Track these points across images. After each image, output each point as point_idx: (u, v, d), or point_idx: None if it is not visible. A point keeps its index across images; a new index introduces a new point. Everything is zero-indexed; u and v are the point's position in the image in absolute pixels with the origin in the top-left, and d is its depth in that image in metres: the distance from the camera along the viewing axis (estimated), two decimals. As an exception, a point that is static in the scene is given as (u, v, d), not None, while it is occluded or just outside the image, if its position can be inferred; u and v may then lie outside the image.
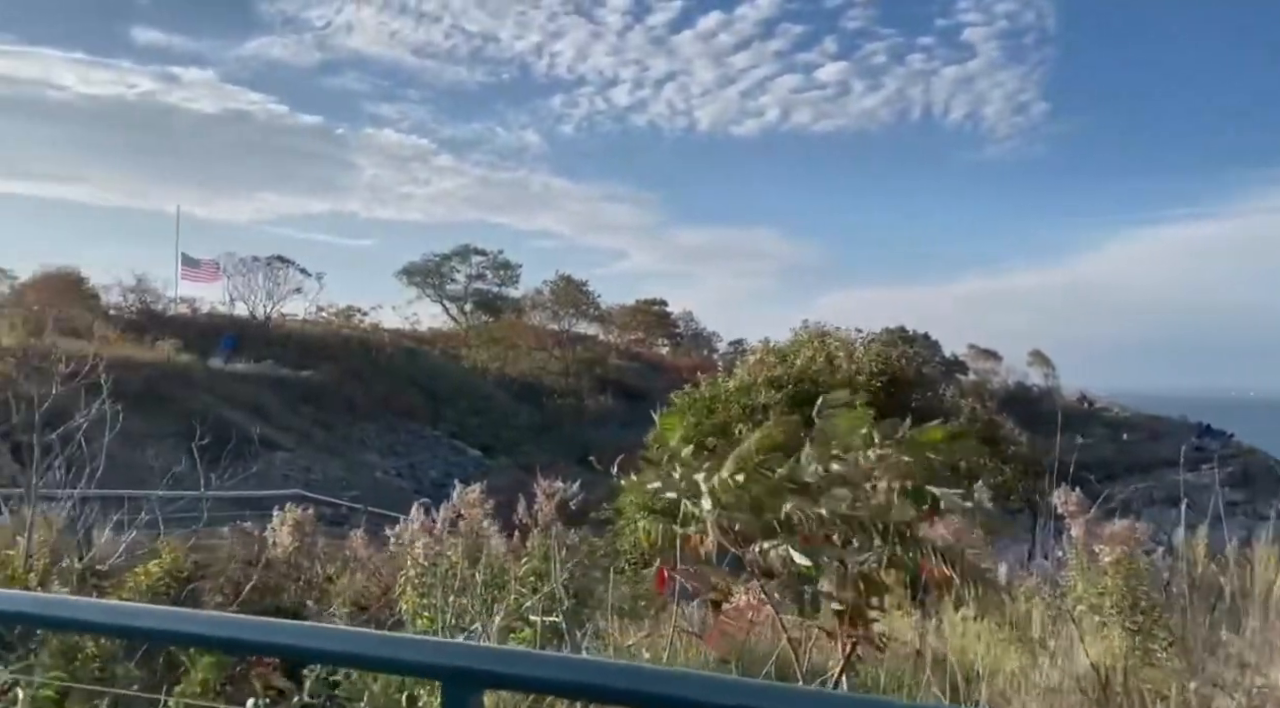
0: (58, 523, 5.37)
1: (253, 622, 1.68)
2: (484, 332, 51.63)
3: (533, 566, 4.32)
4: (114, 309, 38.32)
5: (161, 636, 1.69)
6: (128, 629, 1.70)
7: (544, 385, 47.46)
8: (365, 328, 47.20)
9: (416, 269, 56.54)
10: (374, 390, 38.01)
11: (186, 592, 5.41)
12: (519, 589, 4.40)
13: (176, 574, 5.41)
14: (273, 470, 28.53)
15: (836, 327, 18.97)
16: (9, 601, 1.68)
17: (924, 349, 39.09)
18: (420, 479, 33.98)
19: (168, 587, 5.29)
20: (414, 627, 4.31)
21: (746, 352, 29.74)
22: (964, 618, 4.31)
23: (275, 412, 32.19)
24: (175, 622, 1.63)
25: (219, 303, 42.89)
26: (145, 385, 28.87)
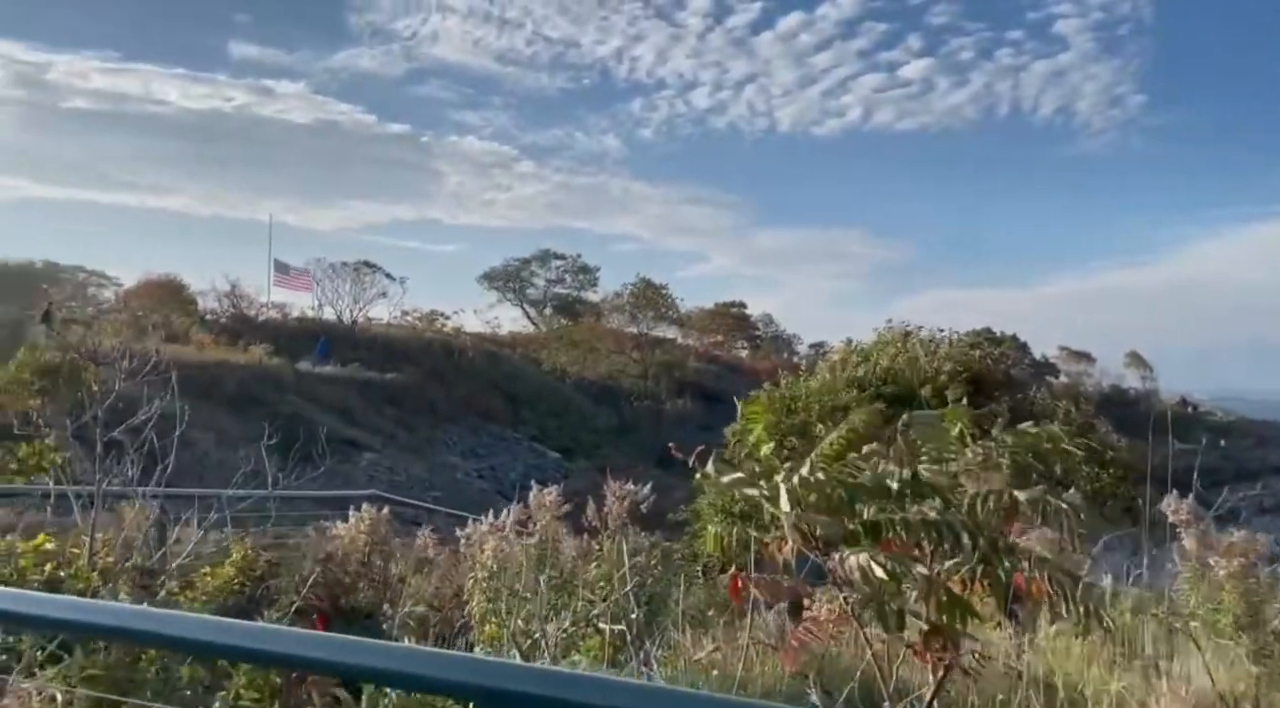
0: (133, 521, 5.46)
1: (279, 633, 1.56)
2: (563, 335, 52.01)
3: (603, 570, 4.16)
4: (210, 314, 39.87)
5: (189, 645, 1.57)
6: (156, 637, 1.60)
7: (622, 388, 47.53)
8: (448, 332, 48.05)
9: (497, 274, 57.41)
10: (456, 393, 38.64)
11: (260, 590, 5.44)
12: (587, 595, 4.25)
13: (250, 573, 5.44)
14: (358, 471, 29.21)
15: (920, 327, 18.38)
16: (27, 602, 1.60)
17: (1012, 351, 37.70)
18: (501, 481, 34.34)
19: (241, 585, 5.33)
20: (481, 631, 4.21)
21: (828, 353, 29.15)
22: (1061, 633, 3.97)
23: (361, 413, 32.98)
24: (205, 631, 1.52)
25: (308, 308, 44.28)
26: (238, 388, 29.97)
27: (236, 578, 5.39)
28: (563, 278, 57.78)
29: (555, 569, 4.34)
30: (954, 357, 14.74)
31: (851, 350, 15.93)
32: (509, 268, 57.52)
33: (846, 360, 15.25)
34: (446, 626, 5.76)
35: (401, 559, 6.81)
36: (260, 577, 5.61)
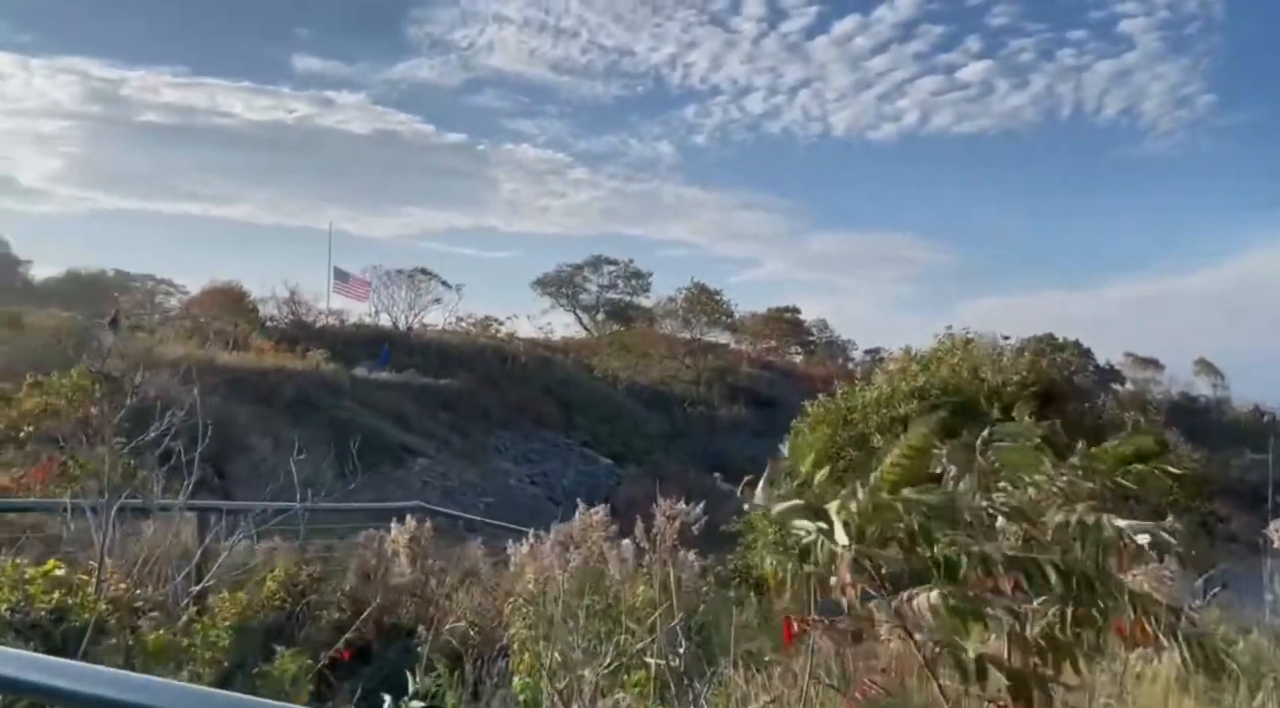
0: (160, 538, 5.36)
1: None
2: (615, 340, 51.95)
3: (649, 596, 3.91)
4: (269, 321, 40.65)
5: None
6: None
7: (675, 394, 47.26)
8: (501, 337, 48.34)
9: (550, 280, 57.67)
10: (509, 398, 38.76)
11: (300, 606, 5.31)
12: (631, 624, 4.00)
13: (291, 588, 5.31)
14: (411, 477, 29.41)
15: (980, 334, 17.75)
16: None
17: (1075, 357, 36.54)
18: (553, 487, 34.35)
19: (283, 602, 5.20)
20: (520, 659, 3.99)
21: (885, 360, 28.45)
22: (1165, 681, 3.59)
23: (415, 419, 33.22)
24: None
25: (365, 314, 44.90)
26: (296, 394, 30.40)
27: (278, 593, 5.26)
28: (615, 283, 57.80)
29: (599, 595, 4.10)
30: (1021, 367, 14.14)
31: (911, 359, 15.41)
32: (562, 274, 57.75)
33: (906, 369, 14.73)
34: (488, 645, 5.54)
35: (445, 572, 6.64)
36: (302, 592, 5.48)
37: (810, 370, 57.56)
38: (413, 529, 6.68)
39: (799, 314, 63.35)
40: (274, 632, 5.20)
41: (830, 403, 16.10)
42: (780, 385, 52.23)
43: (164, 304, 48.62)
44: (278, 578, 5.39)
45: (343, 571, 6.17)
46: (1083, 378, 21.68)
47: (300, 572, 5.63)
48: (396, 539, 6.73)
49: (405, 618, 6.07)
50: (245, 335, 35.36)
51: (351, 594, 5.85)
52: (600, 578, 4.40)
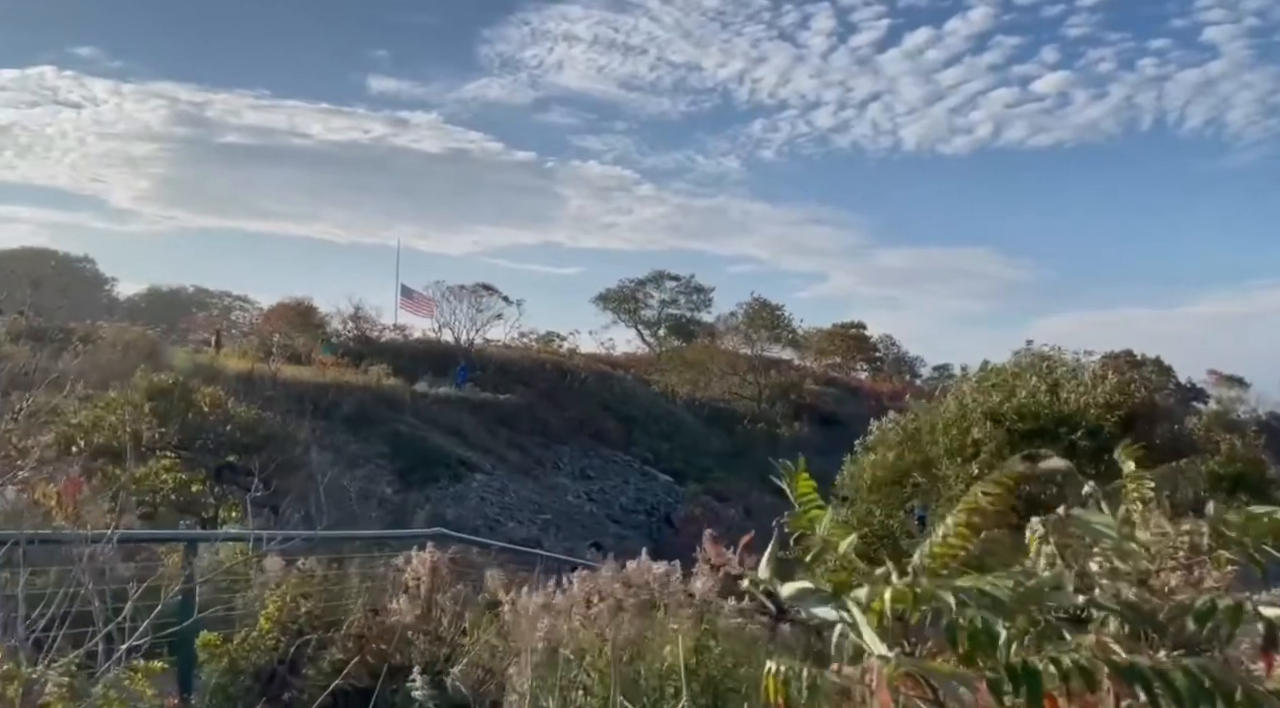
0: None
1: None
2: (676, 355, 51.37)
3: (677, 659, 3.32)
4: (335, 337, 41.18)
5: None
6: None
7: (736, 411, 46.42)
8: (562, 353, 48.21)
9: (612, 295, 57.45)
10: (568, 414, 38.47)
11: (295, 648, 4.84)
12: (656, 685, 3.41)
13: (289, 626, 4.85)
14: (469, 492, 29.25)
15: (1061, 350, 16.60)
16: None
17: (1156, 374, 34.68)
18: (611, 504, 33.87)
19: (276, 643, 4.74)
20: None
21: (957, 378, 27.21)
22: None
23: (473, 434, 33.12)
24: None
25: (428, 329, 45.22)
26: (356, 408, 30.58)
27: (270, 633, 4.81)
28: (676, 299, 57.31)
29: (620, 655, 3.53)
30: (1108, 388, 13.02)
31: (985, 376, 14.38)
32: (624, 289, 57.50)
33: (983, 387, 13.74)
34: (502, 692, 4.99)
35: (464, 607, 6.12)
36: (299, 631, 5.02)
37: (877, 387, 56.08)
38: (431, 559, 6.18)
39: (864, 330, 61.93)
40: (267, 680, 4.74)
41: (898, 423, 15.24)
42: (846, 402, 50.92)
43: (240, 320, 49.91)
44: (271, 616, 4.94)
45: (350, 605, 5.70)
46: (1163, 397, 20.30)
47: (299, 608, 5.17)
48: (413, 570, 6.24)
49: (419, 659, 5.56)
50: (309, 350, 35.83)
51: (358, 632, 5.37)
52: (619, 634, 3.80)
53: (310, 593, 5.38)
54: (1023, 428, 12.60)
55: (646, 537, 32.13)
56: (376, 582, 6.13)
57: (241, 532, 6.80)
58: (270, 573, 5.48)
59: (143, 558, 6.86)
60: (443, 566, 6.25)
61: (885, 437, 15.20)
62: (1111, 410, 12.84)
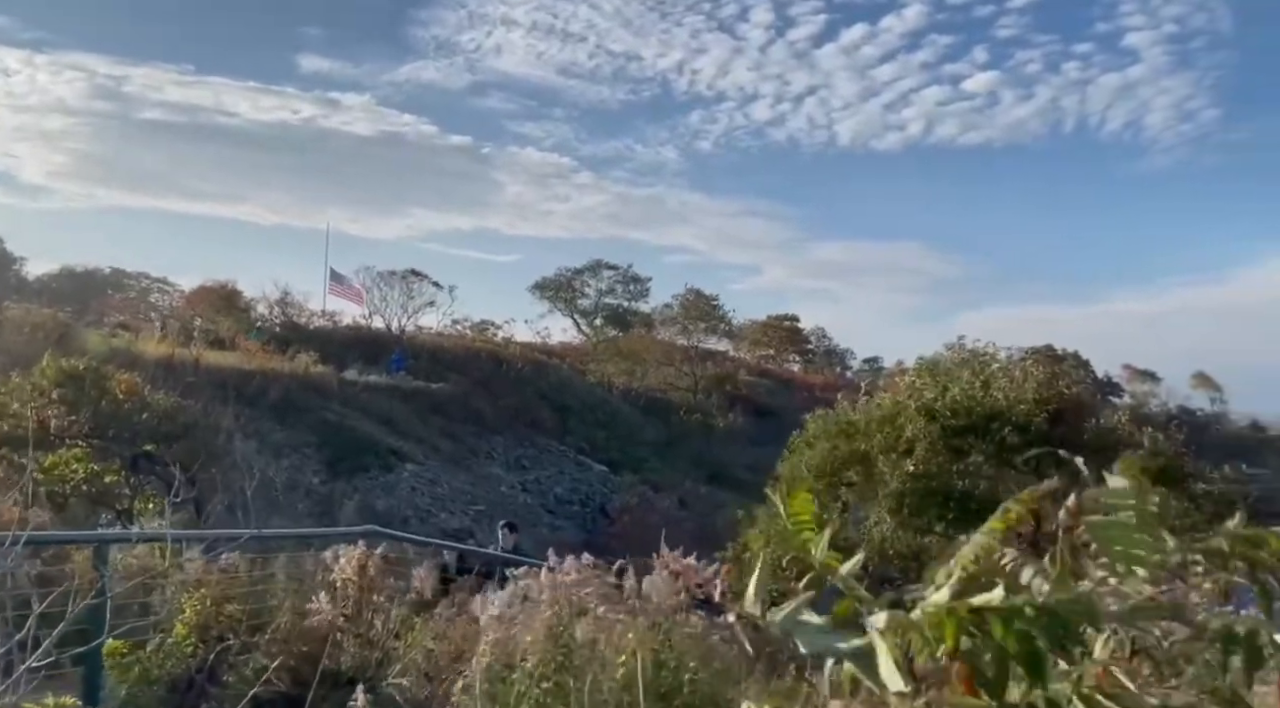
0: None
1: None
2: (612, 345, 51.24)
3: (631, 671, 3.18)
4: (260, 322, 39.94)
5: None
6: None
7: (672, 401, 46.54)
8: (497, 342, 47.64)
9: (548, 284, 56.99)
10: (502, 403, 38.02)
11: (214, 654, 4.57)
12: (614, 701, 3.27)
13: (208, 630, 4.58)
14: (400, 482, 28.68)
15: (993, 344, 16.92)
16: None
17: (1075, 369, 35.91)
18: (545, 494, 33.60)
19: (195, 649, 4.47)
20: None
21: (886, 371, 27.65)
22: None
23: (405, 423, 32.49)
24: None
25: (359, 316, 44.19)
26: (283, 396, 29.68)
27: (188, 639, 4.53)
28: (614, 288, 57.11)
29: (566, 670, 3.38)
30: (1036, 384, 13.31)
31: (920, 372, 14.58)
32: (560, 278, 57.06)
33: (913, 385, 13.93)
34: (439, 700, 4.81)
35: (394, 607, 5.90)
36: (219, 636, 4.75)
37: (809, 379, 56.88)
38: (360, 558, 5.94)
39: (797, 322, 62.69)
40: (184, 690, 4.46)
41: (830, 417, 15.35)
42: (778, 394, 51.51)
43: (157, 303, 47.98)
44: (189, 621, 4.65)
45: (276, 607, 5.43)
46: (1085, 391, 20.90)
47: (221, 611, 4.89)
48: (342, 569, 5.99)
49: (347, 666, 5.32)
50: (234, 336, 34.66)
51: (283, 637, 5.11)
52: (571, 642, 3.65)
53: (232, 595, 5.09)
54: (955, 424, 12.82)
55: (581, 527, 31.97)
56: (304, 582, 5.86)
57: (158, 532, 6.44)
58: (190, 573, 5.18)
59: (50, 556, 6.46)
60: (373, 565, 6.01)
61: (820, 431, 15.31)
62: (1040, 406, 13.15)
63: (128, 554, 6.62)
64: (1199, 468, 17.16)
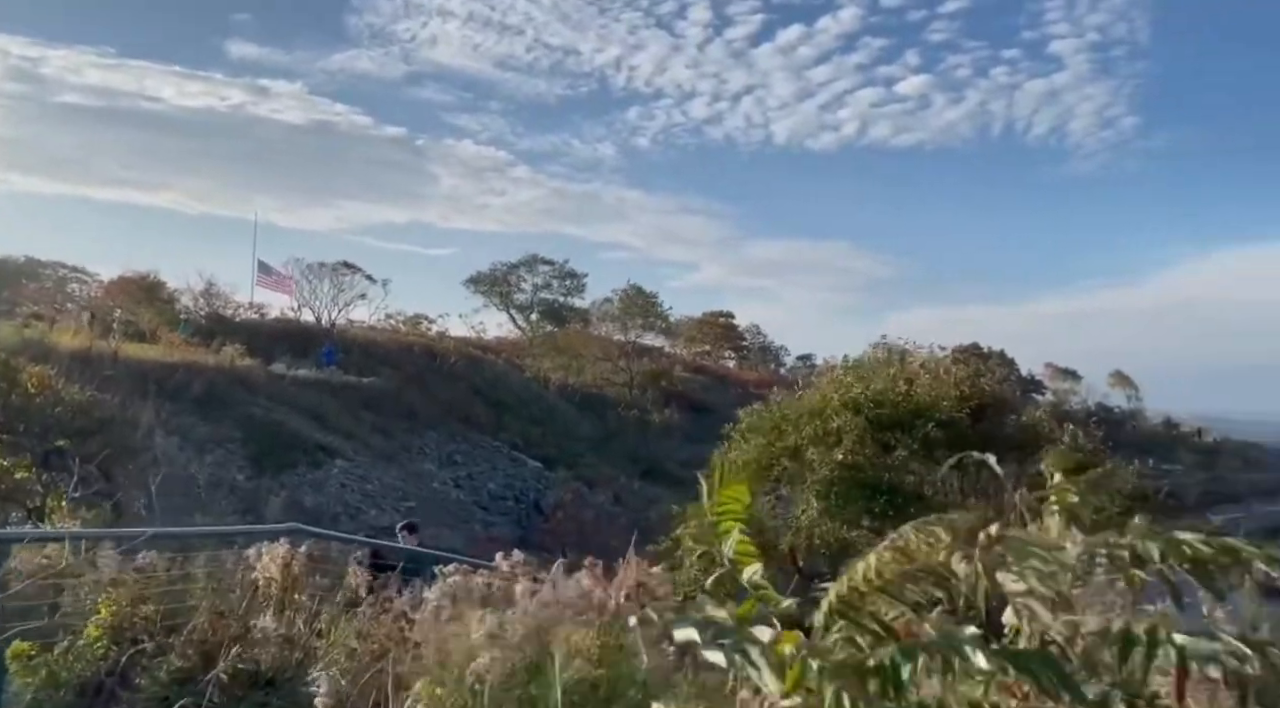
0: None
1: None
2: (548, 341, 51.03)
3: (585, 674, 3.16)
4: (184, 313, 38.73)
5: None
6: None
7: (608, 397, 46.58)
8: (431, 336, 47.03)
9: (483, 278, 56.50)
10: (436, 398, 37.56)
11: (128, 656, 4.42)
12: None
13: (122, 632, 4.43)
14: (329, 479, 28.10)
15: (915, 342, 17.42)
16: None
17: (1000, 367, 37.12)
18: (479, 491, 33.32)
19: (106, 651, 4.31)
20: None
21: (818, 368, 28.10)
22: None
23: (334, 418, 31.86)
24: None
25: (287, 309, 43.17)
26: (207, 390, 28.78)
27: (99, 641, 4.37)
28: (550, 284, 56.87)
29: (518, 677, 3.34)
30: (958, 381, 13.77)
31: (847, 369, 14.94)
32: (496, 272, 56.61)
33: (841, 380, 14.27)
34: (363, 699, 4.73)
35: (323, 606, 5.79)
36: (133, 638, 4.59)
37: (744, 375, 57.59)
38: (283, 555, 5.81)
39: (733, 319, 63.37)
40: (95, 694, 4.31)
41: (763, 412, 15.58)
42: (714, 390, 51.98)
43: (75, 293, 46.06)
44: (102, 622, 4.49)
45: (195, 607, 5.28)
46: (1007, 389, 21.57)
47: (135, 612, 4.73)
48: (265, 567, 5.85)
49: (267, 666, 5.20)
50: (155, 328, 33.50)
51: (200, 637, 4.97)
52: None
53: (148, 595, 4.94)
54: (881, 417, 13.16)
55: (515, 524, 31.78)
56: (224, 581, 5.71)
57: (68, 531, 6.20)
58: (105, 572, 4.99)
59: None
60: (297, 562, 5.88)
61: (754, 425, 15.52)
62: (963, 403, 13.56)
63: (38, 553, 6.37)
64: (1115, 464, 17.87)
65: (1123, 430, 51.34)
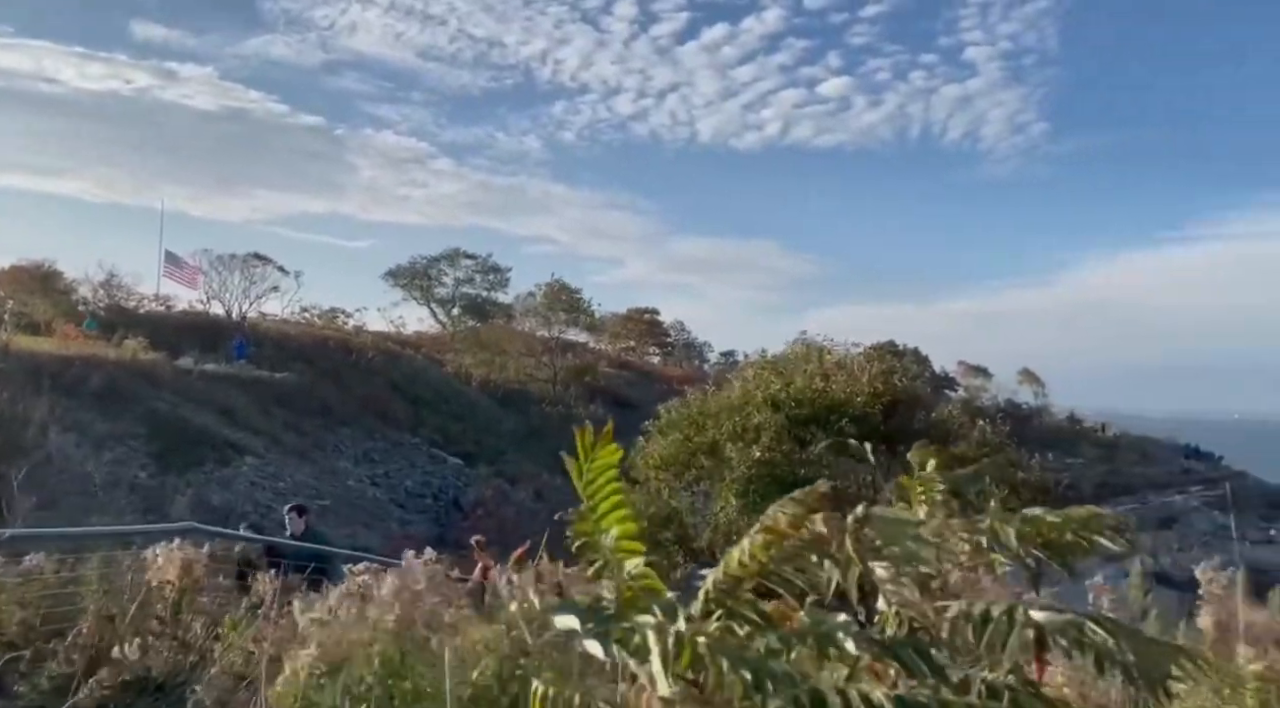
0: None
1: None
2: (470, 336, 50.36)
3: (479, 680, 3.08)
4: (84, 305, 36.95)
5: None
6: None
7: (531, 393, 46.22)
8: (347, 330, 45.92)
9: (403, 271, 55.42)
10: (352, 394, 36.70)
11: (6, 661, 4.16)
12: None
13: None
14: (238, 477, 27.18)
15: (831, 339, 17.78)
16: None
17: (914, 364, 38.23)
18: (396, 488, 32.71)
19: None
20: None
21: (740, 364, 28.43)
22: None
23: (244, 415, 30.84)
24: None
25: (195, 301, 41.59)
26: (106, 384, 27.52)
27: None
28: (472, 278, 56.11)
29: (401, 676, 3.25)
30: (872, 378, 14.10)
31: (765, 366, 15.13)
32: (416, 265, 55.56)
33: (760, 377, 14.45)
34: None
35: (223, 609, 5.57)
36: (10, 644, 4.32)
37: (668, 371, 57.90)
38: (180, 557, 5.56)
39: (658, 315, 63.66)
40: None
41: (684, 407, 15.67)
42: (639, 387, 52.12)
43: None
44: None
45: (84, 611, 5.02)
46: (921, 385, 22.26)
47: (14, 616, 4.46)
48: (161, 569, 5.59)
49: (158, 671, 4.97)
50: (50, 319, 31.86)
51: (85, 642, 4.72)
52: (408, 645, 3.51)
53: (29, 599, 4.66)
54: (799, 414, 13.35)
55: (434, 522, 31.29)
56: (116, 583, 5.44)
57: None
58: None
59: None
60: (196, 564, 5.64)
61: (674, 420, 15.60)
62: (876, 398, 13.88)
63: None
64: (1021, 457, 18.57)
65: (1029, 426, 53.40)
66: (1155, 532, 36.29)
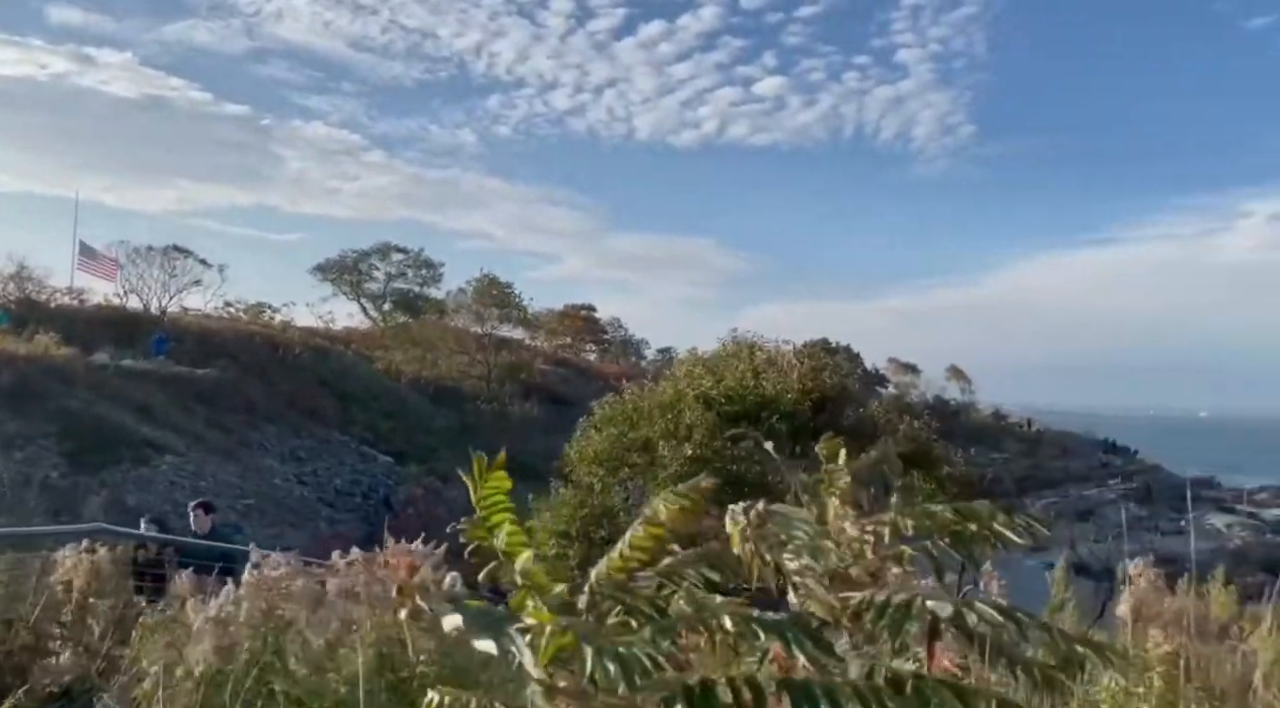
0: None
1: None
2: (402, 332, 49.54)
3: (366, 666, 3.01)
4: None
5: None
6: None
7: (464, 390, 45.70)
8: (274, 325, 44.74)
9: (332, 265, 54.21)
10: (278, 391, 35.79)
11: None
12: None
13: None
14: (157, 476, 26.30)
15: (763, 337, 18.00)
16: None
17: (846, 361, 38.93)
18: (324, 487, 32.03)
19: None
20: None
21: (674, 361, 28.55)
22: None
23: (164, 412, 29.83)
24: None
25: (112, 294, 40.01)
26: (16, 381, 26.37)
27: None
28: (404, 272, 55.20)
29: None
30: (802, 376, 14.31)
31: (696, 363, 15.24)
32: (346, 260, 54.38)
33: (692, 374, 14.54)
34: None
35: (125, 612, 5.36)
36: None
37: (604, 369, 57.85)
38: (91, 558, 5.34)
39: (594, 312, 63.57)
40: None
41: (618, 404, 15.67)
42: (575, 383, 51.95)
43: None
44: None
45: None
46: (851, 383, 22.66)
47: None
48: (67, 571, 5.36)
49: (66, 676, 4.78)
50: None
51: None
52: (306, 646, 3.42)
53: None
54: (729, 411, 13.47)
55: (364, 521, 30.70)
56: (17, 587, 5.19)
57: None
58: None
59: None
60: (104, 567, 5.42)
61: (608, 416, 15.60)
62: (806, 395, 14.09)
63: None
64: (948, 452, 19.05)
65: (956, 421, 54.89)
66: (1073, 523, 37.69)
